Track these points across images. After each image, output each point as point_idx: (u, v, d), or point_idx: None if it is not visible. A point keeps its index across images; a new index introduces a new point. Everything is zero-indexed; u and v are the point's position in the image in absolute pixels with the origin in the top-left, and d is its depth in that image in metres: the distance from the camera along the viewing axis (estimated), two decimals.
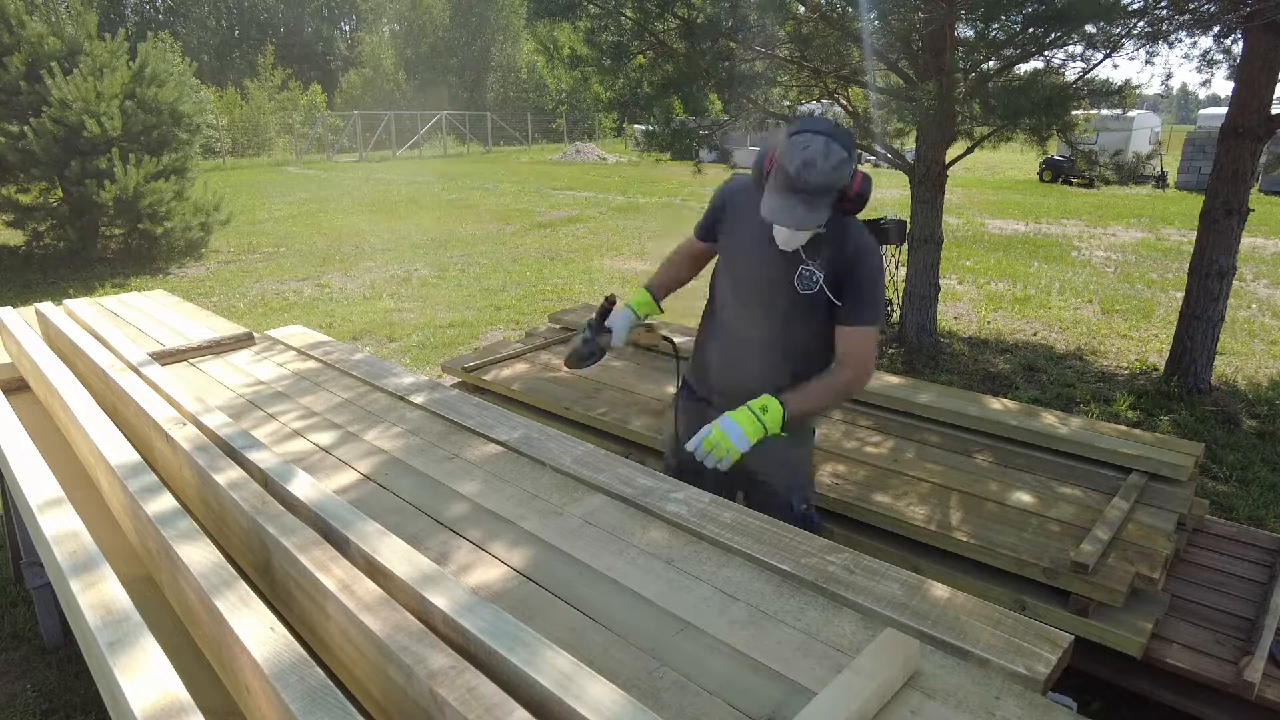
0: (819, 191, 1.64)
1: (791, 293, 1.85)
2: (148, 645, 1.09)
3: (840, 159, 1.64)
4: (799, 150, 1.63)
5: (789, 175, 1.63)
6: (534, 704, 0.97)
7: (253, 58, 35.23)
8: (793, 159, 1.63)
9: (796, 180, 1.63)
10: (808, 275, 1.83)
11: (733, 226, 1.97)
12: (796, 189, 1.63)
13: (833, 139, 1.65)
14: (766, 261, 1.86)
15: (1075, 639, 1.16)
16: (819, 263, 1.83)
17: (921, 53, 4.82)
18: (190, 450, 1.65)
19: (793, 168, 1.63)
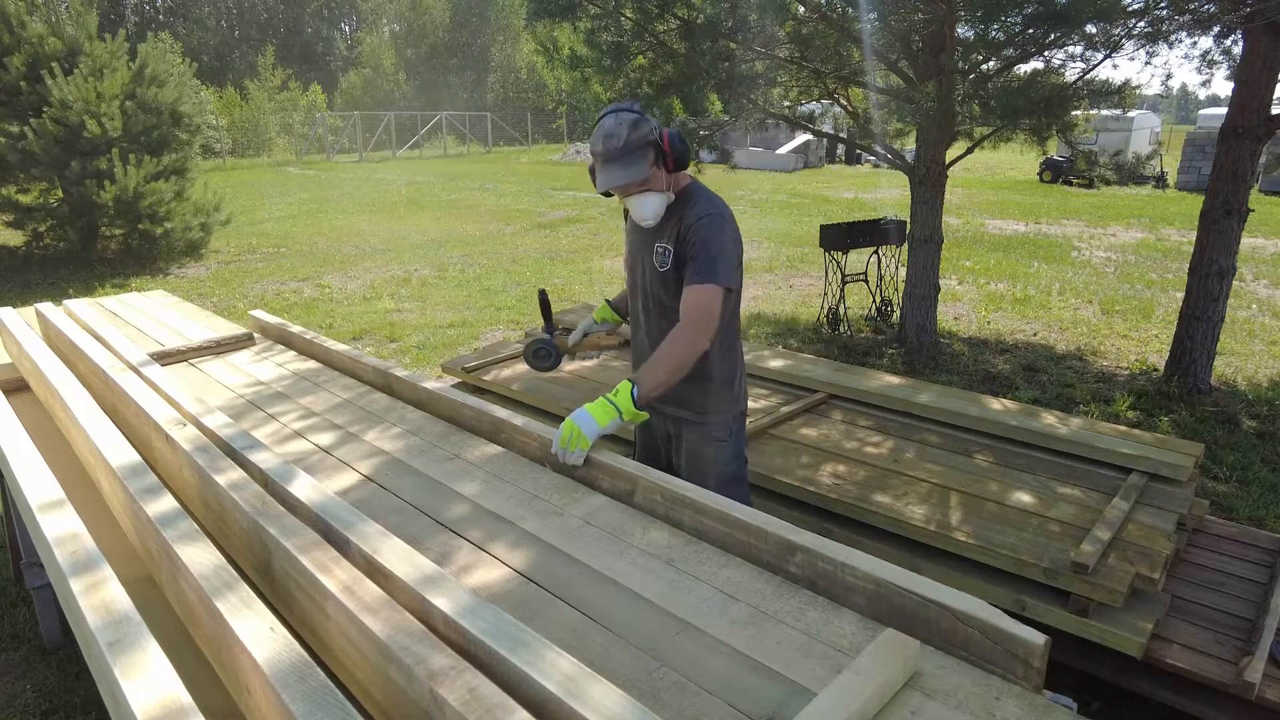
0: (628, 150, 1.85)
1: (654, 273, 2.03)
2: (148, 646, 1.09)
3: (631, 119, 1.87)
4: (598, 132, 1.89)
5: (598, 151, 1.88)
6: (534, 704, 0.97)
7: (253, 58, 35.23)
8: (595, 139, 1.88)
9: (604, 150, 1.87)
10: (661, 251, 2.00)
11: (628, 229, 2.17)
12: (610, 157, 1.86)
13: (619, 110, 1.89)
14: (637, 253, 2.09)
15: (1051, 641, 1.16)
16: (667, 238, 1.98)
17: (921, 53, 4.83)
18: (190, 450, 1.65)
19: (597, 145, 1.88)
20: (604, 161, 1.89)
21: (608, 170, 1.89)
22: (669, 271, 1.99)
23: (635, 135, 1.86)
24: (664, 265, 2.00)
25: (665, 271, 2.00)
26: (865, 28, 4.77)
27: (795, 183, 17.85)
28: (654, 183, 1.92)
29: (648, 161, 1.89)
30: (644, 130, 1.88)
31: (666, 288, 2.02)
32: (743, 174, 18.96)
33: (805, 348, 5.83)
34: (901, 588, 1.21)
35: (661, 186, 1.94)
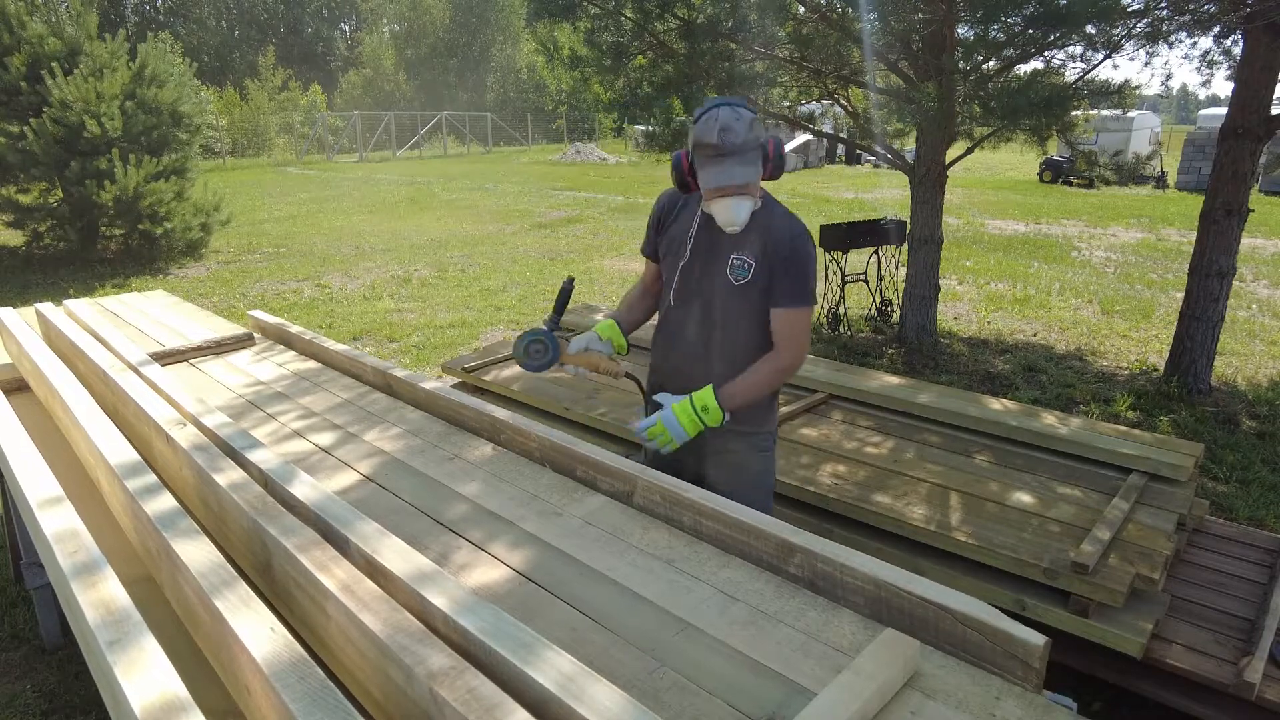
0: (746, 148, 1.75)
1: (726, 284, 1.91)
2: (148, 645, 1.09)
3: (750, 117, 1.76)
4: (712, 122, 1.75)
5: (714, 144, 1.74)
6: (534, 704, 0.97)
7: (253, 58, 35.24)
8: (710, 131, 1.74)
9: (722, 144, 1.73)
10: (739, 264, 1.89)
11: (667, 233, 2.03)
12: (726, 151, 1.74)
13: (732, 105, 1.78)
14: (700, 258, 1.94)
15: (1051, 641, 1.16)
16: (749, 251, 1.88)
17: (921, 53, 4.83)
18: (190, 450, 1.65)
19: (713, 137, 1.73)
20: (717, 155, 1.75)
21: (723, 165, 1.75)
22: (746, 286, 1.89)
23: (751, 135, 1.76)
24: (740, 278, 1.89)
25: (742, 285, 1.90)
26: (865, 28, 4.77)
27: (795, 182, 17.85)
28: (752, 188, 1.82)
29: (759, 165, 1.80)
30: (758, 131, 1.78)
31: (737, 300, 1.92)
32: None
33: None
34: (901, 588, 1.21)
35: (757, 193, 1.84)
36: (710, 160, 1.77)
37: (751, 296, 1.90)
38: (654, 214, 2.08)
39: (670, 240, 2.02)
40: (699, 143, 1.78)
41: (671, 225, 2.03)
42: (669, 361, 2.06)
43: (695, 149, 1.80)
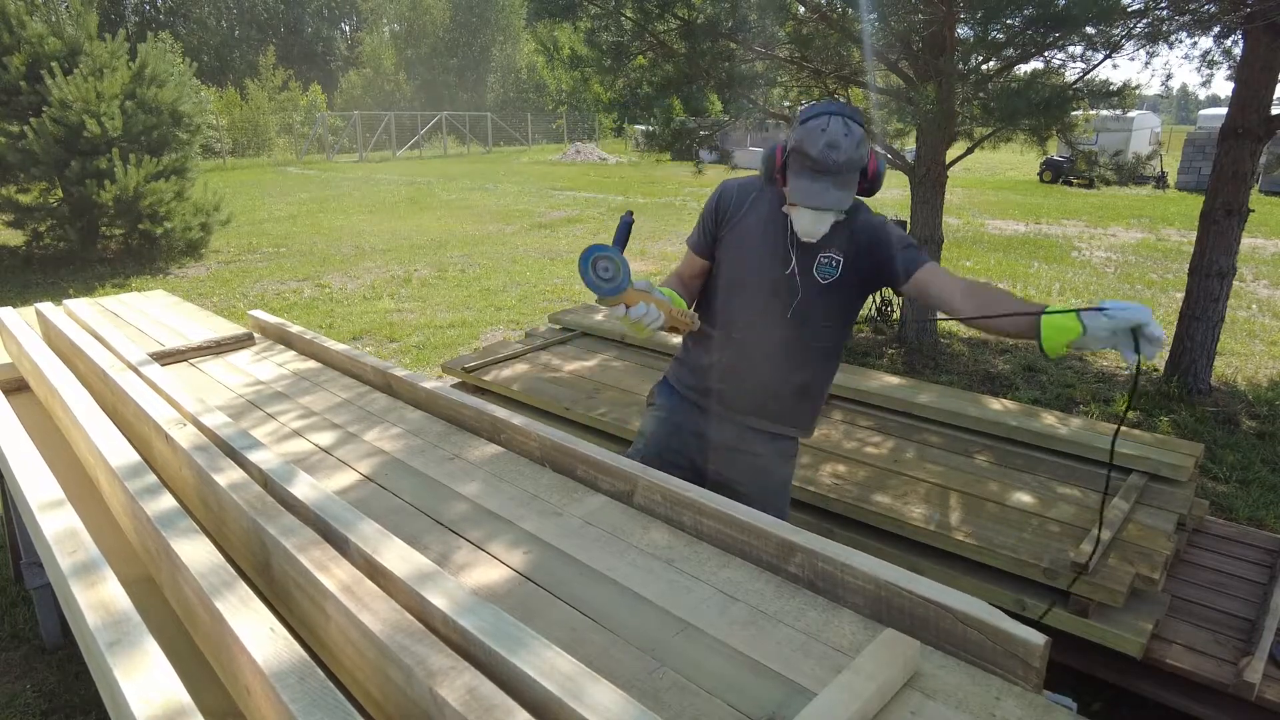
0: (848, 170, 1.63)
1: (812, 284, 1.80)
2: (148, 646, 1.09)
3: (860, 136, 1.65)
4: (819, 133, 1.62)
5: (815, 158, 1.62)
6: (534, 705, 0.97)
7: (253, 58, 35.24)
8: (815, 142, 1.62)
9: (824, 162, 1.61)
10: (827, 262, 1.79)
11: (736, 229, 1.87)
12: (826, 170, 1.62)
13: (849, 118, 1.65)
14: (781, 257, 1.80)
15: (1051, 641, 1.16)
16: (836, 248, 1.79)
17: (921, 54, 4.82)
18: (190, 450, 1.65)
19: (817, 150, 1.62)
20: (815, 171, 1.63)
21: (819, 183, 1.63)
22: (834, 283, 1.80)
23: (857, 154, 1.64)
24: (828, 276, 1.79)
25: (829, 283, 1.80)
26: (865, 28, 4.77)
27: None
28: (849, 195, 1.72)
29: (855, 187, 1.69)
30: (865, 150, 1.67)
31: (823, 301, 1.81)
32: (742, 174, 18.94)
33: None
34: (901, 588, 1.21)
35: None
36: (805, 173, 1.65)
37: (838, 297, 1.82)
38: (714, 204, 1.90)
39: (742, 235, 1.86)
40: (800, 150, 1.65)
41: (741, 219, 1.86)
42: (738, 364, 1.90)
43: (794, 153, 1.68)
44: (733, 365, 1.91)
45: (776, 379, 1.89)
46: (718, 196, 1.91)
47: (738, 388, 1.91)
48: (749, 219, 1.86)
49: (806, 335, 1.85)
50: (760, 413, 1.93)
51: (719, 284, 1.92)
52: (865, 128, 1.68)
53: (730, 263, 1.89)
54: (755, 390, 1.90)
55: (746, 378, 1.90)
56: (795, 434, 1.99)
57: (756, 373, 1.89)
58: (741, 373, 1.90)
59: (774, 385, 1.89)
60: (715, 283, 1.94)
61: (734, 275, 1.88)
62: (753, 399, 1.92)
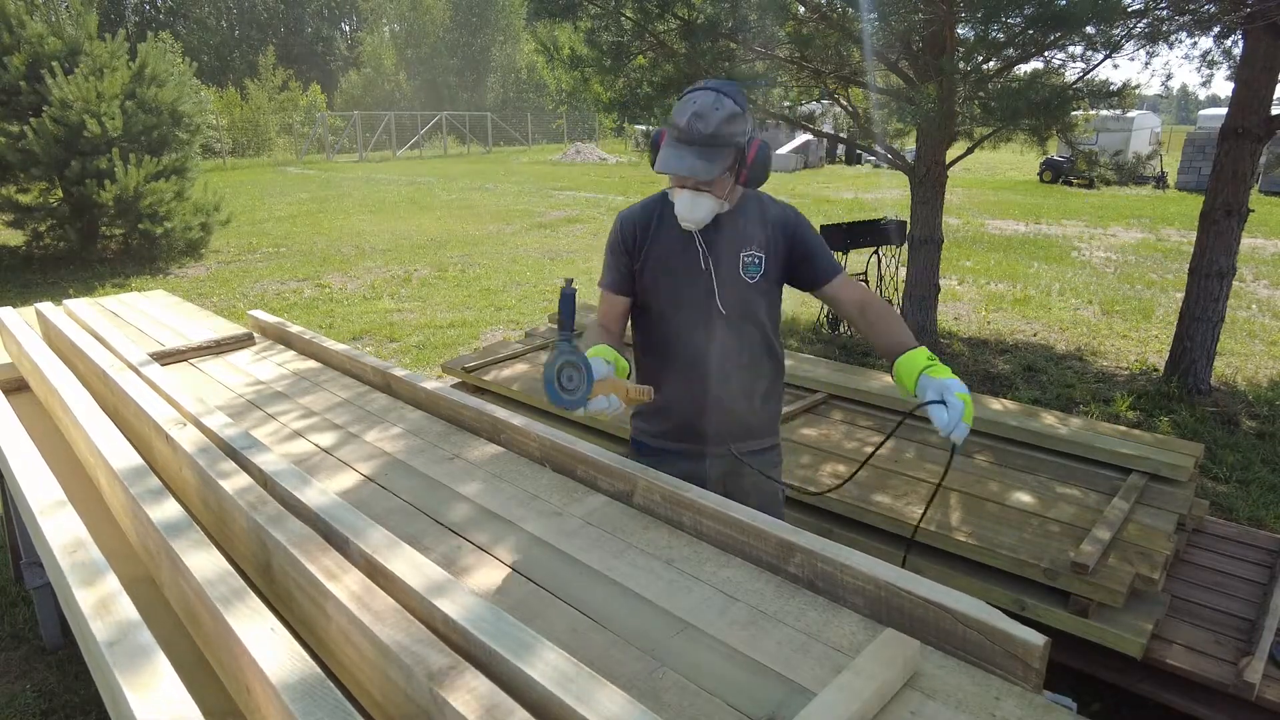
0: (714, 143, 1.60)
1: (742, 285, 1.77)
2: (148, 646, 1.09)
3: (731, 111, 1.61)
4: (688, 105, 1.62)
5: (680, 127, 1.61)
6: (534, 705, 0.97)
7: (253, 58, 35.23)
8: (683, 112, 1.61)
9: (688, 130, 1.60)
10: (751, 260, 1.76)
11: (652, 254, 1.79)
12: (689, 139, 1.60)
13: (722, 93, 1.63)
14: (705, 268, 1.76)
15: (1051, 641, 1.16)
16: (757, 244, 1.77)
17: (922, 53, 4.83)
18: (190, 451, 1.65)
19: (683, 120, 1.61)
20: (678, 141, 1.62)
21: (679, 152, 1.62)
22: (760, 282, 1.77)
23: (727, 130, 1.60)
24: (754, 275, 1.76)
25: (756, 282, 1.77)
26: (865, 28, 4.77)
27: (795, 183, 17.85)
28: (717, 187, 1.67)
29: (726, 163, 1.63)
30: (737, 127, 1.62)
31: (753, 300, 1.78)
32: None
33: (805, 348, 5.83)
34: (901, 588, 1.21)
35: (722, 193, 1.68)
36: (670, 143, 1.64)
37: (765, 292, 1.80)
38: (618, 239, 1.81)
39: (659, 257, 1.79)
40: (670, 121, 1.65)
41: (652, 242, 1.79)
42: (699, 389, 1.82)
43: (667, 126, 1.67)
44: (695, 393, 1.83)
45: (741, 392, 1.83)
46: (619, 229, 1.81)
47: (708, 414, 1.83)
48: (660, 240, 1.79)
49: (751, 338, 1.82)
50: (740, 433, 1.86)
51: (652, 315, 1.84)
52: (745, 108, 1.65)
53: (656, 289, 1.81)
54: (726, 411, 1.83)
55: (712, 400, 1.82)
56: (774, 440, 1.95)
57: (721, 392, 1.82)
58: (706, 397, 1.83)
59: (741, 399, 1.84)
60: (647, 315, 1.85)
61: (665, 299, 1.81)
62: (727, 421, 1.84)
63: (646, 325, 1.86)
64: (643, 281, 1.81)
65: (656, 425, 1.89)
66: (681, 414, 1.85)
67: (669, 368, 1.84)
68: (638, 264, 1.80)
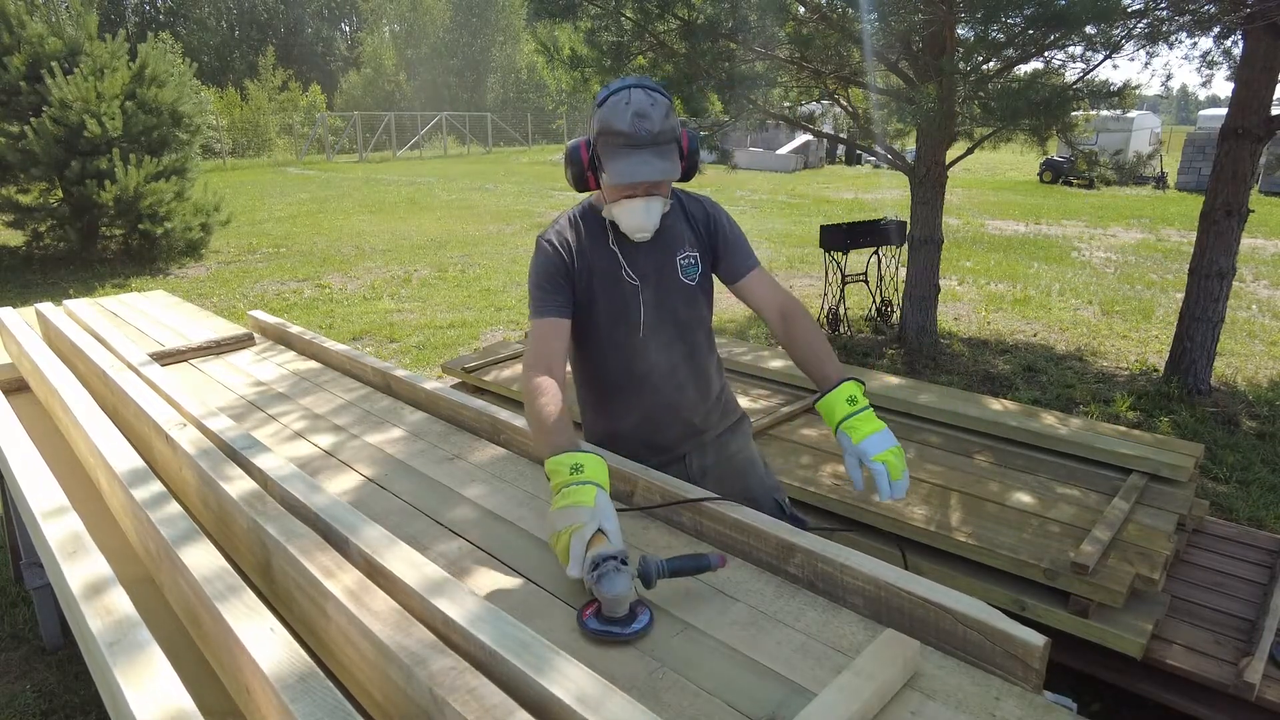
0: (663, 140, 1.53)
1: (683, 289, 1.72)
2: (148, 646, 1.09)
3: (667, 104, 1.55)
4: (623, 106, 1.51)
5: (627, 132, 1.50)
6: (534, 705, 0.97)
7: (253, 58, 35.24)
8: (621, 116, 1.51)
9: (637, 133, 1.50)
10: (687, 263, 1.71)
11: (585, 273, 1.68)
12: (642, 142, 1.51)
13: (649, 89, 1.55)
14: (652, 275, 1.70)
15: (1051, 642, 1.16)
16: (688, 244, 1.72)
17: (921, 54, 4.83)
18: (190, 451, 1.65)
19: (625, 123, 1.50)
20: (630, 145, 1.51)
21: (638, 157, 1.51)
22: (699, 283, 1.73)
23: (668, 124, 1.53)
24: (693, 276, 1.71)
25: (694, 284, 1.72)
26: (865, 28, 4.77)
27: (795, 183, 17.85)
28: (666, 186, 1.60)
29: (676, 160, 1.57)
30: (674, 121, 1.55)
31: (695, 301, 1.74)
32: (742, 174, 18.96)
33: None
34: (901, 589, 1.21)
35: (668, 192, 1.63)
36: (620, 151, 1.52)
37: (704, 291, 1.77)
38: (551, 264, 1.65)
39: (594, 274, 1.68)
40: (608, 129, 1.52)
41: (584, 261, 1.68)
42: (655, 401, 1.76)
43: (601, 137, 1.55)
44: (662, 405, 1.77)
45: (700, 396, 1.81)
46: (550, 254, 1.66)
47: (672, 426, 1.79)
48: (593, 257, 1.68)
49: (698, 341, 1.78)
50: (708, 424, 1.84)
51: (594, 340, 1.74)
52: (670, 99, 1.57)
53: (596, 310, 1.71)
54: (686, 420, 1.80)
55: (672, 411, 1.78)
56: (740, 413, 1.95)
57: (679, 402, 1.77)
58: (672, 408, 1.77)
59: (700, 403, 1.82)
60: (588, 342, 1.75)
61: (609, 318, 1.71)
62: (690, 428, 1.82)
63: (588, 352, 1.77)
64: (581, 304, 1.69)
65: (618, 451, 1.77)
66: (644, 434, 1.79)
67: (623, 391, 1.77)
68: (580, 284, 1.68)
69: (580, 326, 1.71)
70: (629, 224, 1.61)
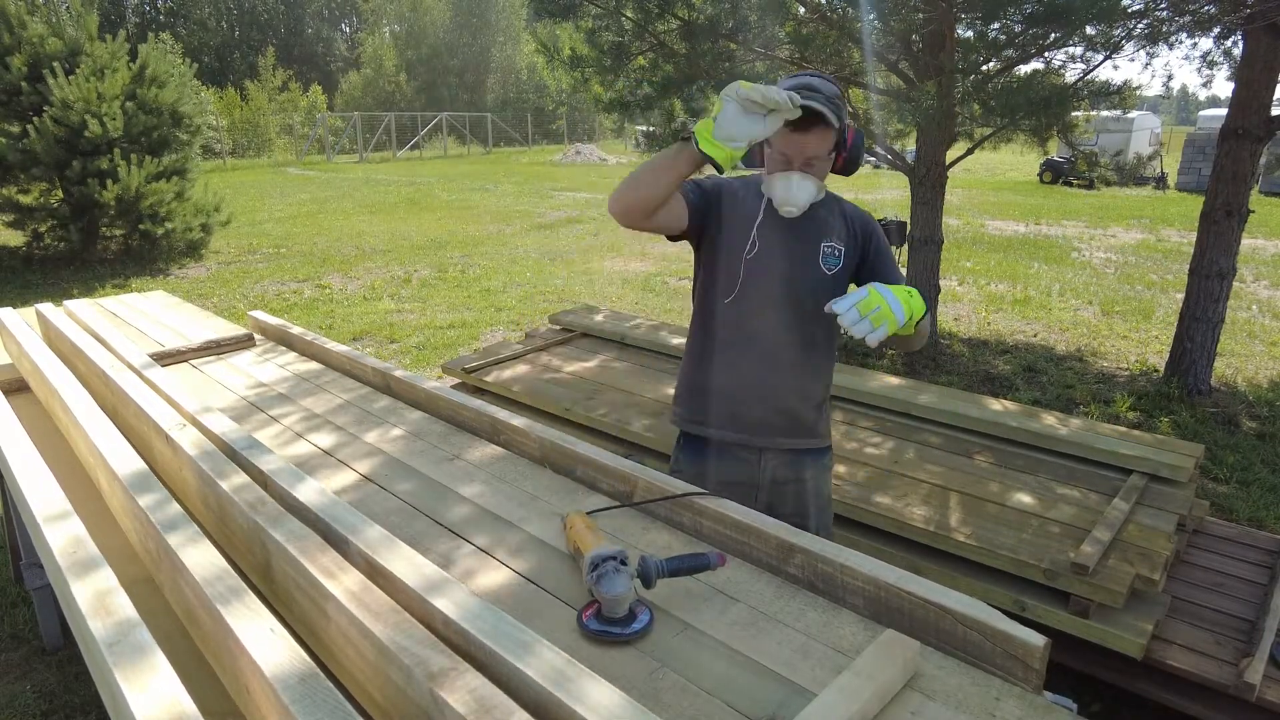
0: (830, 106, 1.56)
1: (818, 276, 1.72)
2: (148, 646, 1.09)
3: (836, 91, 1.62)
4: (795, 81, 1.61)
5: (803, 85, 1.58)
6: (534, 705, 0.97)
7: (253, 59, 35.26)
8: (791, 81, 1.61)
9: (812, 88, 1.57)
10: (830, 252, 1.72)
11: (732, 213, 1.74)
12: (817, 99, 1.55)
13: (823, 76, 1.65)
14: (784, 248, 1.71)
15: (1051, 642, 1.16)
16: (837, 237, 1.74)
17: (921, 53, 4.83)
18: (190, 452, 1.65)
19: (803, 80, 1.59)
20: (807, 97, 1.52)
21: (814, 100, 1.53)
22: (839, 274, 1.74)
23: (833, 106, 1.58)
24: (833, 267, 1.73)
25: (834, 273, 1.74)
26: (865, 28, 4.77)
27: None
28: (819, 168, 1.63)
29: (832, 143, 1.63)
30: (842, 110, 1.61)
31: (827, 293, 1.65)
32: (742, 175, 18.93)
33: None
34: (901, 589, 1.21)
35: (823, 176, 1.66)
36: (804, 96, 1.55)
37: (838, 287, 1.74)
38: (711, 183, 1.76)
39: (736, 225, 1.73)
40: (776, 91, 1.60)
41: (733, 208, 1.75)
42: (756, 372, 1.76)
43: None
44: (756, 380, 1.76)
45: (797, 388, 1.78)
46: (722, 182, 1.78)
47: (760, 403, 1.77)
48: (739, 206, 1.75)
49: (815, 334, 1.76)
50: (796, 429, 1.80)
51: (719, 288, 1.77)
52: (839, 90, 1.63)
53: (726, 261, 1.75)
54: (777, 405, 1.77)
55: (768, 391, 1.77)
56: (821, 443, 1.87)
57: (778, 385, 1.76)
58: (766, 385, 1.76)
59: (795, 396, 1.78)
60: (711, 287, 1.79)
61: (729, 274, 1.74)
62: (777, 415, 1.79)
63: (709, 298, 1.79)
64: (717, 242, 1.75)
65: (698, 411, 1.82)
66: (732, 400, 1.78)
67: (727, 351, 1.78)
68: (715, 216, 1.74)
69: (714, 259, 1.76)
70: (779, 197, 1.64)
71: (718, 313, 1.78)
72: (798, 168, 1.62)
